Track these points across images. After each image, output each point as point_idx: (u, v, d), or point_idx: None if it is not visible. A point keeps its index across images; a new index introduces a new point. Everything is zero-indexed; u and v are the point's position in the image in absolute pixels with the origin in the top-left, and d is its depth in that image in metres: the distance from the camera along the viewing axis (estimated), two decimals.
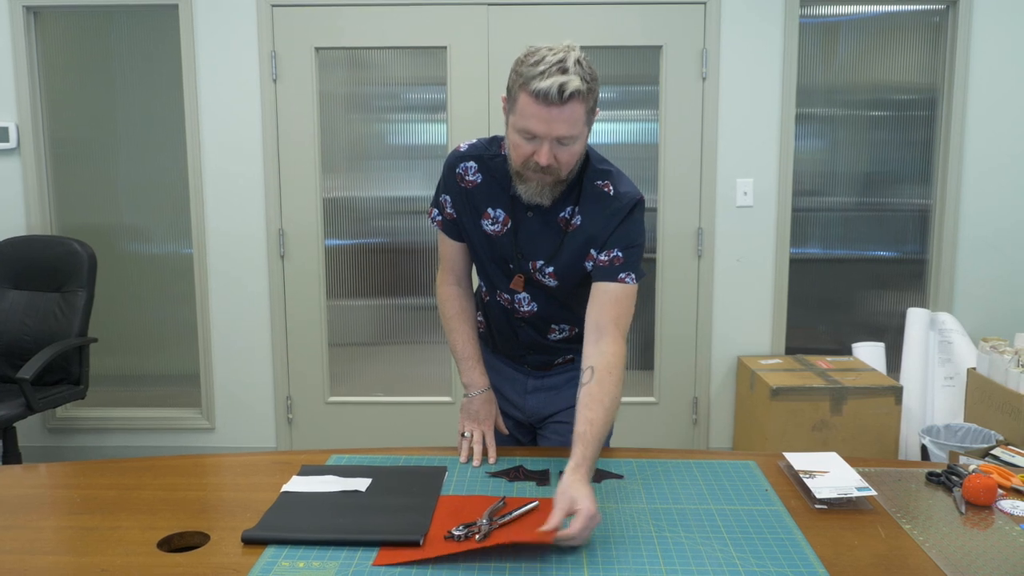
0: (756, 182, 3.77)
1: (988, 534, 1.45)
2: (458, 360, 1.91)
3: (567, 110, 1.51)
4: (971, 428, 3.21)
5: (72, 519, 1.50)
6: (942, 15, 3.75)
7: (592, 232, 1.71)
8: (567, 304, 1.82)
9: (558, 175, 1.62)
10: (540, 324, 1.86)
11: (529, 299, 1.81)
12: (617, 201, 1.70)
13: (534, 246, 1.75)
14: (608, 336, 1.65)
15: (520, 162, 1.61)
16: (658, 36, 3.71)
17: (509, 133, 1.62)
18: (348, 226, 3.87)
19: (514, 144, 1.60)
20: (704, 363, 3.90)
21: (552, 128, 1.53)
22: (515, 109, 1.57)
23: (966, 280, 3.85)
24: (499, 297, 1.86)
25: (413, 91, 3.80)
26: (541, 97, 1.49)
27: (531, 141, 1.57)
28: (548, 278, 1.76)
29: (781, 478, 1.69)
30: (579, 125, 1.56)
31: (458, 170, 1.78)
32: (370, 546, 1.39)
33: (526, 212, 1.74)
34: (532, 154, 1.57)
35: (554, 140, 1.55)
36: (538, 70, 1.50)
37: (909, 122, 3.83)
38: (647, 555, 1.37)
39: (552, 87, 1.48)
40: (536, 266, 1.76)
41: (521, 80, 1.53)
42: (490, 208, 1.76)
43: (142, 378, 4.03)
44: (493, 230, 1.77)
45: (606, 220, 1.70)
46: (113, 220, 3.91)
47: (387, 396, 3.96)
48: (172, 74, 3.78)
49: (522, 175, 1.64)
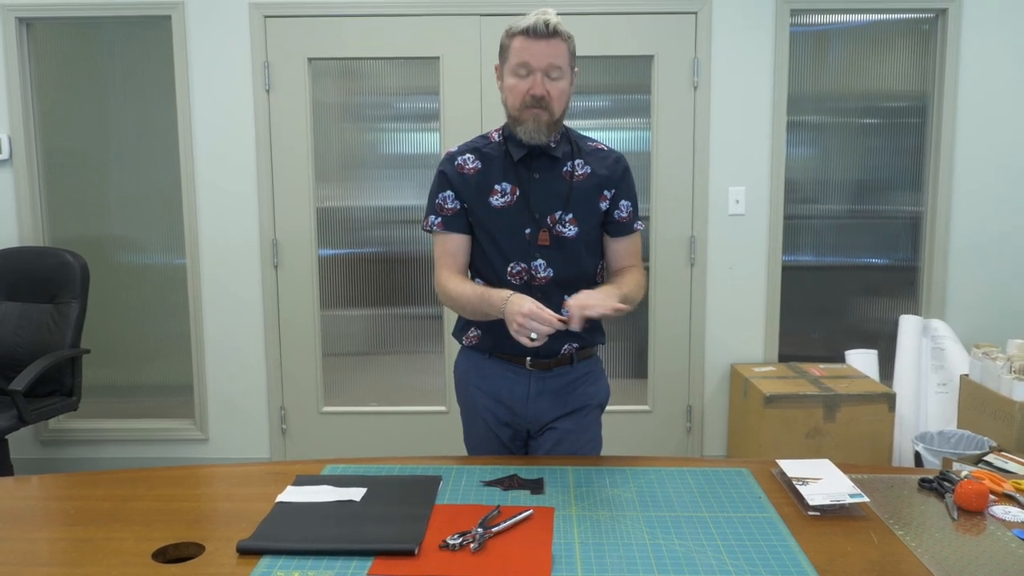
0: (748, 190, 3.79)
1: (980, 539, 1.46)
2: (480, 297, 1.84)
3: (553, 43, 1.81)
4: (964, 434, 3.22)
5: (66, 531, 1.50)
6: (932, 23, 3.78)
7: (601, 175, 1.95)
8: (579, 262, 1.94)
9: (551, 111, 1.84)
10: (555, 293, 1.92)
11: (546, 264, 1.92)
12: (612, 154, 1.99)
13: (547, 202, 1.91)
14: (634, 269, 2.00)
15: (517, 102, 1.84)
16: (650, 45, 3.73)
17: (506, 81, 1.86)
18: (341, 236, 3.87)
19: (510, 88, 1.85)
20: (697, 371, 3.90)
21: (542, 58, 1.80)
22: (508, 57, 1.85)
23: (958, 287, 3.87)
24: (511, 276, 1.92)
25: (406, 101, 3.81)
26: (531, 32, 1.80)
27: (526, 77, 1.82)
28: (569, 225, 1.92)
29: (774, 485, 1.70)
30: (564, 60, 1.83)
31: (458, 162, 1.95)
32: (365, 555, 1.39)
33: (532, 175, 1.91)
34: (528, 90, 1.82)
35: (544, 74, 1.81)
36: (524, 19, 1.82)
37: (900, 129, 3.85)
38: (641, 562, 1.37)
39: (539, 22, 1.79)
40: (555, 218, 1.91)
41: (510, 32, 1.84)
42: (496, 184, 1.92)
43: (135, 389, 4.02)
44: (504, 202, 1.92)
45: (611, 168, 1.97)
46: (106, 231, 3.91)
47: (381, 406, 3.95)
48: (165, 85, 3.78)
49: (519, 118, 1.85)
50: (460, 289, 1.90)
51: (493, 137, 1.98)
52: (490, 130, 2.01)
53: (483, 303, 1.83)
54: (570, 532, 1.48)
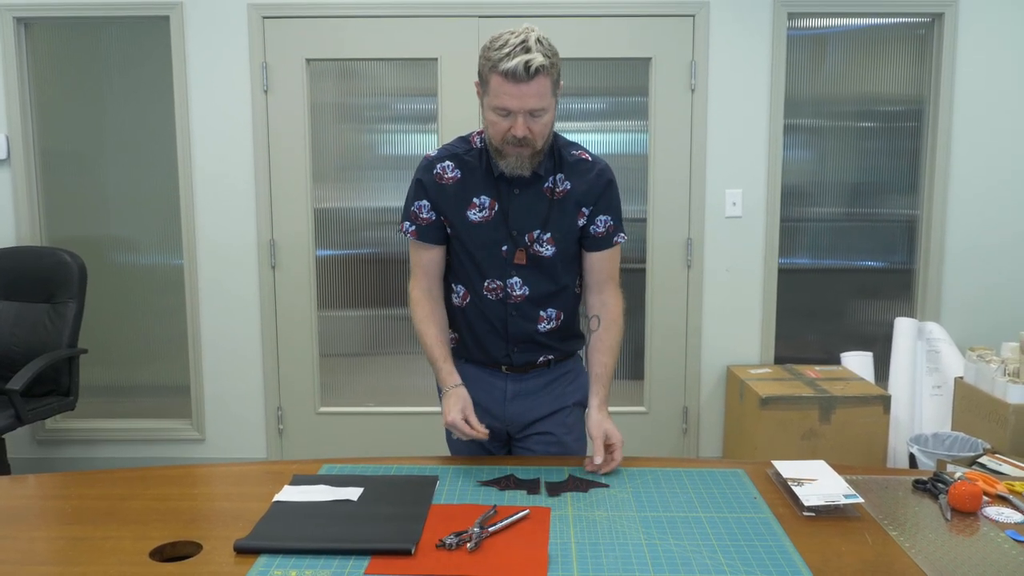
0: (745, 193, 3.80)
1: (973, 540, 1.47)
2: (432, 360, 1.94)
3: (535, 84, 1.69)
4: (959, 437, 3.23)
5: (64, 530, 1.50)
6: (928, 27, 3.80)
7: (581, 192, 1.89)
8: (556, 279, 1.93)
9: (534, 146, 1.78)
10: (531, 310, 1.92)
11: (521, 282, 1.90)
12: (596, 165, 1.92)
13: (526, 219, 1.87)
14: (608, 289, 1.96)
15: (499, 138, 1.77)
16: (647, 48, 3.74)
17: (485, 113, 1.78)
18: (339, 236, 3.88)
19: (491, 122, 1.77)
20: (694, 373, 3.91)
21: (523, 102, 1.70)
22: (488, 91, 1.74)
23: (953, 290, 3.88)
24: (487, 291, 1.91)
25: (404, 102, 3.82)
26: (510, 76, 1.67)
27: (506, 117, 1.74)
28: (547, 245, 1.88)
29: (770, 486, 1.71)
30: (547, 98, 1.73)
31: (436, 170, 1.91)
32: (362, 555, 1.40)
33: (513, 191, 1.87)
34: (509, 129, 1.74)
35: (527, 113, 1.72)
36: (504, 52, 1.68)
37: (896, 133, 3.87)
38: (637, 563, 1.38)
39: (519, 66, 1.66)
40: (533, 236, 1.88)
41: (490, 64, 1.70)
42: (475, 197, 1.88)
43: (132, 389, 4.02)
44: (481, 216, 1.88)
45: (592, 182, 1.90)
46: (103, 231, 3.91)
47: (378, 406, 3.95)
48: (163, 85, 3.79)
49: (501, 151, 1.80)
50: (422, 328, 1.96)
51: (475, 142, 1.91)
52: (472, 132, 1.94)
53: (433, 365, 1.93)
54: (566, 532, 1.49)
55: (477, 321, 1.95)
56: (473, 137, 1.93)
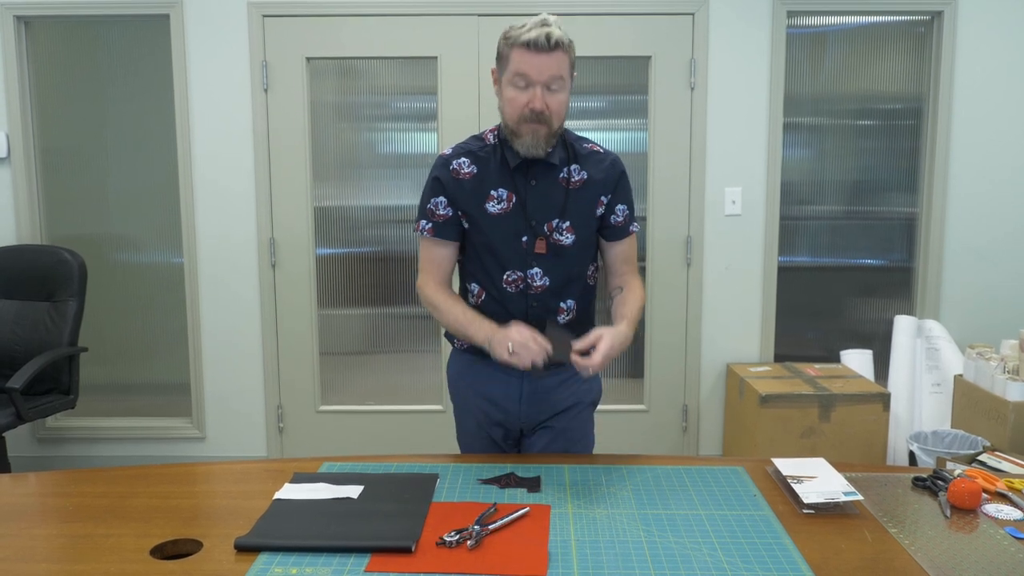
0: (744, 191, 3.80)
1: (973, 537, 1.47)
2: (467, 324, 1.88)
3: (555, 57, 1.75)
4: (958, 434, 3.24)
5: (65, 527, 1.51)
6: (927, 25, 3.80)
7: (597, 181, 1.92)
8: (574, 268, 1.94)
9: (550, 124, 1.80)
10: (551, 301, 1.93)
11: (542, 273, 1.91)
12: (608, 156, 1.96)
13: (544, 209, 1.89)
14: (628, 272, 2.00)
15: (516, 115, 1.79)
16: (647, 46, 3.74)
17: (504, 91, 1.81)
18: (339, 235, 3.88)
19: (509, 99, 1.80)
20: (693, 371, 3.92)
21: (543, 71, 1.75)
22: (507, 67, 1.79)
23: (953, 288, 3.89)
24: (506, 283, 1.92)
25: (404, 100, 3.82)
26: (532, 46, 1.73)
27: (525, 90, 1.77)
28: (566, 234, 1.90)
29: (769, 483, 1.71)
30: (565, 71, 1.78)
31: (452, 166, 1.91)
32: (362, 552, 1.40)
33: (529, 182, 1.88)
34: (527, 103, 1.77)
35: (544, 86, 1.76)
36: (525, 28, 1.76)
37: (895, 131, 3.87)
38: (637, 560, 1.38)
39: (540, 36, 1.73)
40: (552, 226, 1.89)
41: (510, 41, 1.77)
42: (492, 191, 1.89)
43: (132, 387, 4.02)
44: (500, 209, 1.89)
45: (607, 171, 1.94)
46: (103, 229, 3.91)
47: (378, 405, 3.96)
48: (163, 84, 3.79)
49: (517, 131, 1.81)
50: (446, 307, 1.91)
51: (488, 139, 1.93)
52: (484, 130, 1.97)
53: (469, 329, 1.87)
54: (566, 529, 1.49)
55: (495, 316, 1.94)
56: (486, 134, 1.95)
